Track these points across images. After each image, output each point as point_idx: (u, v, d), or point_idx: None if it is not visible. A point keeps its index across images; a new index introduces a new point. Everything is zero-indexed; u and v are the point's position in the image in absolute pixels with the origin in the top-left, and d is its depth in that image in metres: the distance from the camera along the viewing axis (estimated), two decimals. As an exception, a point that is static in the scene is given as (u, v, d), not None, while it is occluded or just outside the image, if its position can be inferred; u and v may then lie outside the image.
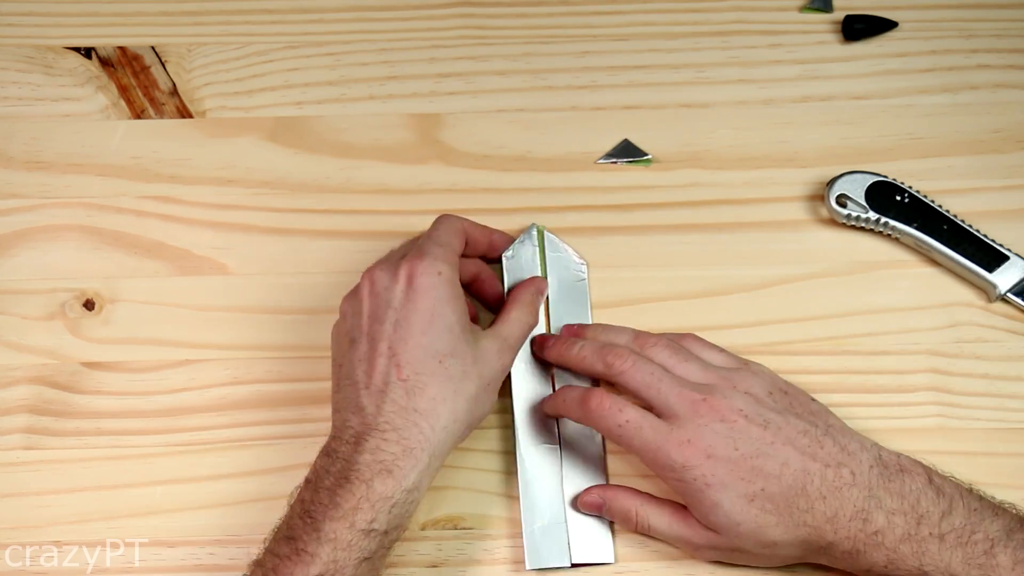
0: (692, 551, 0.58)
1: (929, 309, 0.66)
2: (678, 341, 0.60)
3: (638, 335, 0.60)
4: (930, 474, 0.54)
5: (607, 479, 0.60)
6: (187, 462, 0.61)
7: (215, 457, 0.61)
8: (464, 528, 0.59)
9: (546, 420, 0.61)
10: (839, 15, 0.75)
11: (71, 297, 0.66)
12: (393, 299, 0.56)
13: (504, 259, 0.65)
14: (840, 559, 0.54)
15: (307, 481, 0.54)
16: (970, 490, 0.54)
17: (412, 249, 0.59)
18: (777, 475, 0.54)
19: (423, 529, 0.59)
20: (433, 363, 0.55)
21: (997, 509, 0.53)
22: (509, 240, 0.65)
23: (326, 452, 0.54)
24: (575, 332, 0.62)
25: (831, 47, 0.75)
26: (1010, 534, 0.52)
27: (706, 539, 0.56)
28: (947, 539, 0.52)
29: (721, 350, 0.61)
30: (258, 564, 0.52)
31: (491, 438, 0.62)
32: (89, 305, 0.65)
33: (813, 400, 0.58)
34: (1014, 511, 0.54)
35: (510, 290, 0.63)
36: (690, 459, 0.55)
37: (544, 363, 0.63)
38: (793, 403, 0.57)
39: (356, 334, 0.56)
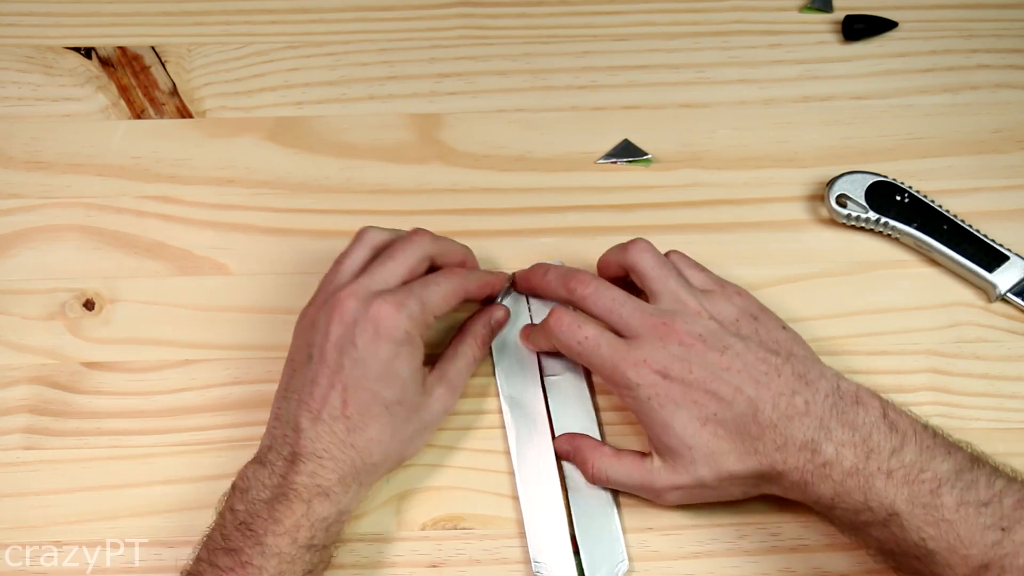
0: (656, 496, 0.58)
1: (929, 309, 0.66)
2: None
3: (623, 245, 0.61)
4: (886, 408, 0.54)
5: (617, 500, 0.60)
6: (187, 462, 0.61)
7: (215, 457, 0.61)
8: (464, 528, 0.59)
9: (539, 428, 0.61)
10: (839, 15, 0.75)
11: (71, 297, 0.66)
12: (358, 338, 0.55)
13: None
14: (790, 489, 0.55)
15: (237, 489, 0.54)
16: (925, 427, 0.54)
17: (402, 287, 0.58)
18: (729, 400, 0.55)
19: (423, 529, 0.59)
20: (379, 408, 0.55)
21: (951, 447, 0.53)
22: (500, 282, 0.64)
23: (259, 461, 0.55)
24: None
25: (831, 47, 0.75)
26: (959, 474, 0.52)
27: (666, 479, 0.57)
28: (894, 476, 0.52)
29: (702, 269, 0.61)
30: (194, 575, 0.52)
31: (491, 438, 0.62)
32: (89, 305, 0.65)
33: (784, 328, 0.58)
34: (968, 450, 0.54)
35: (465, 321, 0.63)
36: (644, 378, 0.56)
37: (531, 367, 0.63)
38: (760, 329, 0.58)
39: (316, 353, 0.56)
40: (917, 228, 0.66)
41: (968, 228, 0.66)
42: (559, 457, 0.60)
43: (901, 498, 0.52)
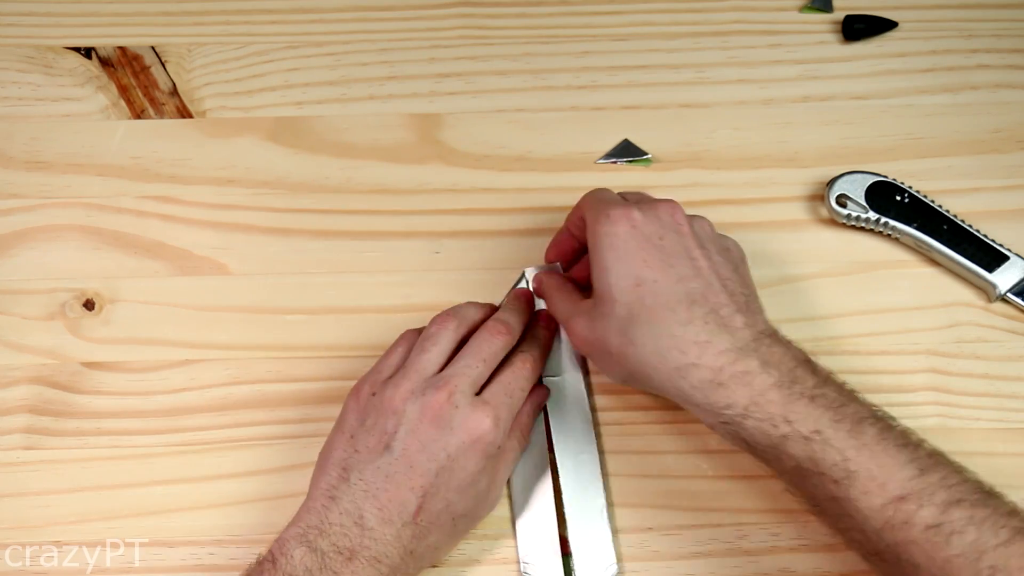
0: (567, 329, 0.59)
1: (929, 309, 0.66)
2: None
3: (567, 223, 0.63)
4: (808, 356, 0.54)
5: (605, 493, 0.60)
6: (187, 462, 0.61)
7: (215, 457, 0.61)
8: (464, 528, 0.59)
9: (536, 428, 0.61)
10: (839, 15, 0.75)
11: (71, 297, 0.66)
12: (451, 446, 0.53)
13: None
14: (696, 388, 0.53)
15: (279, 569, 0.51)
16: (844, 381, 0.54)
17: (494, 393, 0.56)
18: (675, 279, 0.54)
19: (423, 529, 0.59)
20: (447, 518, 0.54)
21: (863, 399, 0.53)
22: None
23: (310, 544, 0.51)
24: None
25: (831, 47, 0.75)
26: (876, 417, 0.52)
27: (584, 319, 0.57)
28: (817, 401, 0.52)
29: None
30: None
31: (491, 438, 0.62)
32: (89, 305, 0.65)
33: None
34: (879, 409, 0.53)
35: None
36: (616, 220, 0.56)
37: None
38: (737, 272, 0.58)
39: (398, 447, 0.53)
40: (917, 228, 0.66)
41: (968, 228, 0.66)
42: (537, 293, 0.62)
43: (825, 418, 0.51)
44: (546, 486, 0.60)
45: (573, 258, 0.64)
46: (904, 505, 0.49)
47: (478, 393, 0.56)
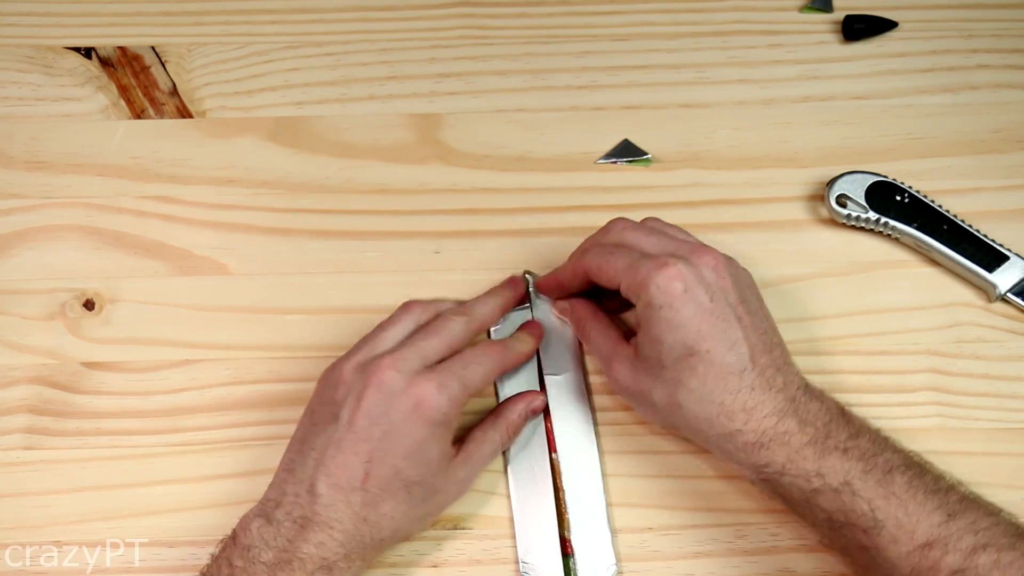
0: (607, 370, 0.59)
1: (929, 309, 0.66)
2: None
3: (572, 259, 0.62)
4: (842, 407, 0.56)
5: (605, 493, 0.60)
6: (187, 462, 0.61)
7: (215, 457, 0.61)
8: (464, 528, 0.59)
9: (536, 428, 0.61)
10: (839, 15, 0.75)
11: (71, 297, 0.66)
12: (393, 411, 0.54)
13: (491, 331, 0.64)
14: (737, 449, 0.54)
15: (239, 544, 0.53)
16: (878, 428, 0.55)
17: (444, 366, 0.56)
18: (727, 347, 0.54)
19: (423, 529, 0.59)
20: (399, 485, 0.54)
21: (899, 447, 0.54)
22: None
23: (266, 516, 0.53)
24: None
25: (831, 47, 0.75)
26: (908, 465, 0.53)
27: (625, 368, 0.57)
28: (850, 452, 0.53)
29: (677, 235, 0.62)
30: None
31: (491, 438, 0.62)
32: (89, 305, 0.65)
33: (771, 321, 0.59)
34: (915, 458, 0.54)
35: (502, 402, 0.61)
36: (667, 286, 0.55)
37: (531, 366, 0.63)
38: (762, 307, 0.58)
39: (345, 416, 0.55)
40: (917, 228, 0.66)
41: (968, 228, 0.66)
42: (563, 316, 0.63)
43: (855, 470, 0.52)
44: (546, 486, 0.60)
45: (564, 296, 0.64)
46: (930, 551, 0.50)
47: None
